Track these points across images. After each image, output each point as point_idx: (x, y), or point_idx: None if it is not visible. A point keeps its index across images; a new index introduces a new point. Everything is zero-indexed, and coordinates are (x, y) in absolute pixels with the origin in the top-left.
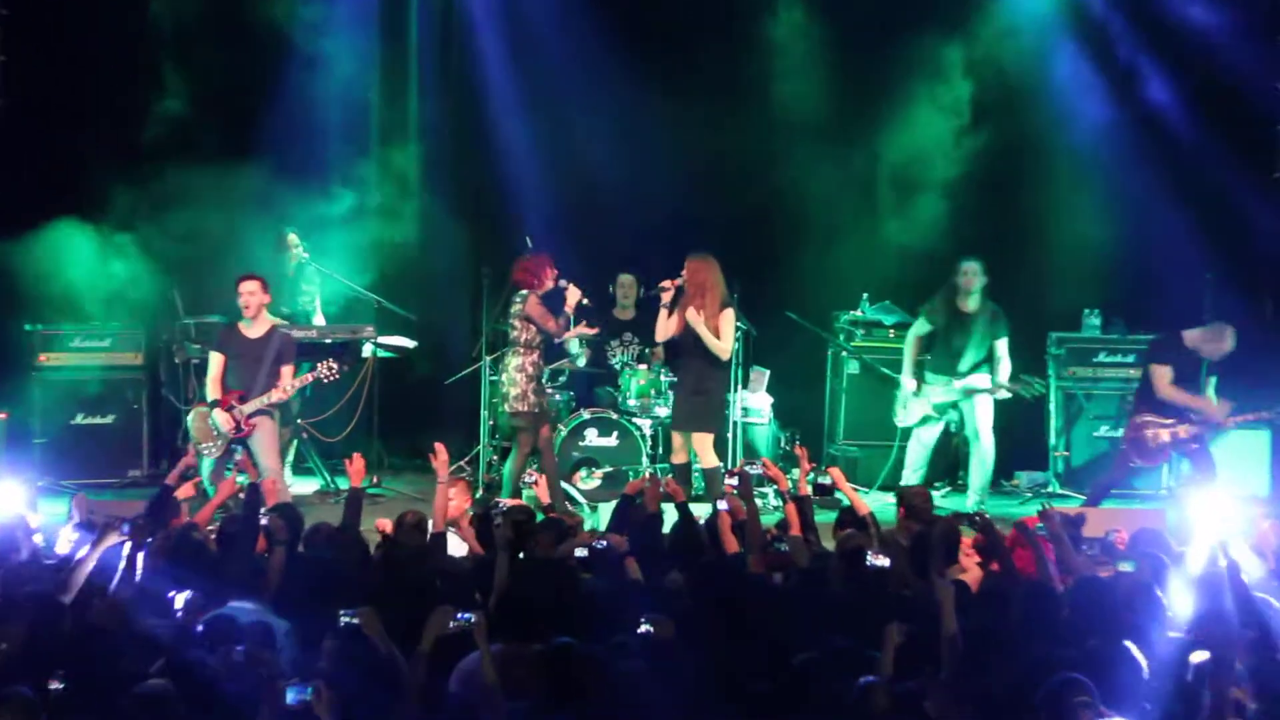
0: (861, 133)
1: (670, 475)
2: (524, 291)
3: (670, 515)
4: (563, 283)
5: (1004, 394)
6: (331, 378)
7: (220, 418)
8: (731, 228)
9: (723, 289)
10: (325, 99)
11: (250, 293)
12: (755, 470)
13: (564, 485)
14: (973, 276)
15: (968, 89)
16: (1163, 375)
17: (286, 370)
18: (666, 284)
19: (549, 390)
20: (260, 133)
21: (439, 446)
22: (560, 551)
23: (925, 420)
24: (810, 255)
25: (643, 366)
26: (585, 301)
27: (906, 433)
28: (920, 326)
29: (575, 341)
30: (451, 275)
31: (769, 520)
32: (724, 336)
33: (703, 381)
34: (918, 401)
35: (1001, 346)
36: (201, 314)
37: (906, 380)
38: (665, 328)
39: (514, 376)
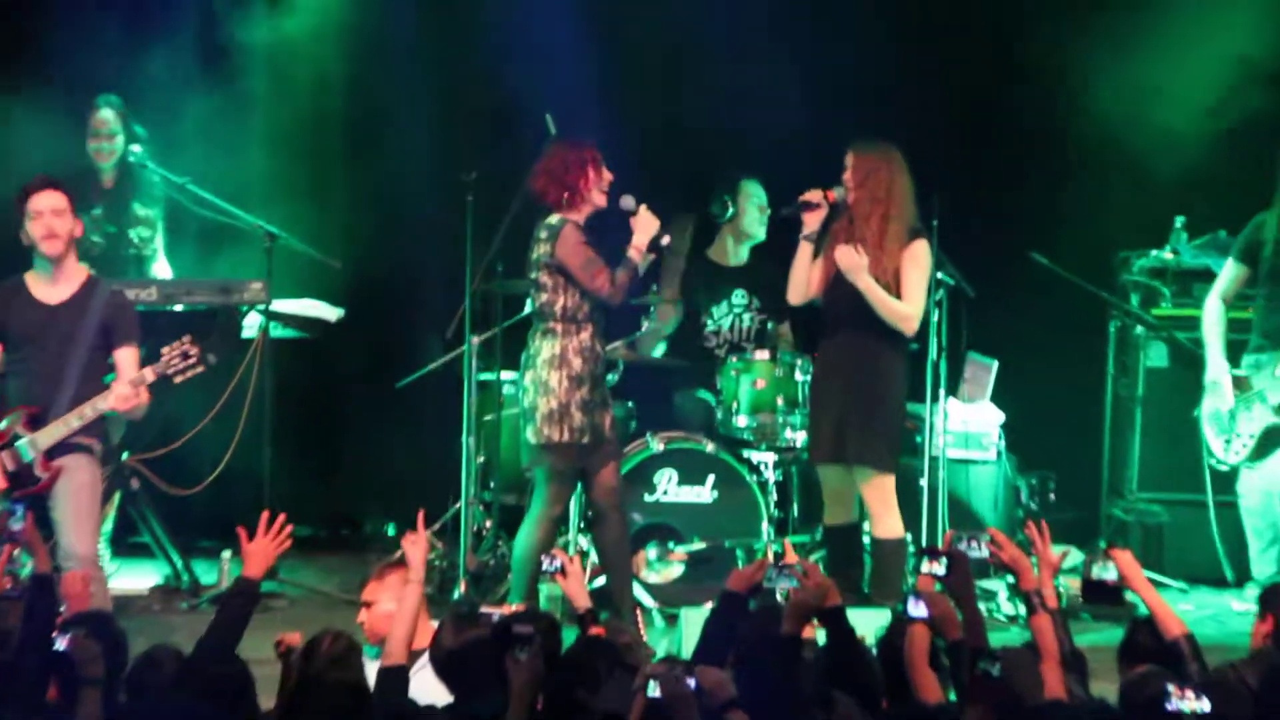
0: None
1: (817, 556)
2: (556, 217)
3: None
4: (627, 200)
5: None
6: (187, 374)
7: None
8: (928, 105)
9: (911, 208)
10: None
11: (53, 212)
12: (976, 550)
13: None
14: None
15: None
16: None
17: (125, 360)
18: (813, 195)
19: (606, 401)
20: None
21: (419, 521)
22: (605, 701)
23: (1271, 445)
24: (1072, 148)
25: (761, 354)
26: (666, 240)
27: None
28: (1232, 276)
29: (651, 314)
30: (407, 187)
31: (1001, 640)
32: (913, 292)
33: (875, 377)
34: (1249, 413)
35: None
36: None
37: (1217, 370)
38: (804, 278)
39: (545, 378)
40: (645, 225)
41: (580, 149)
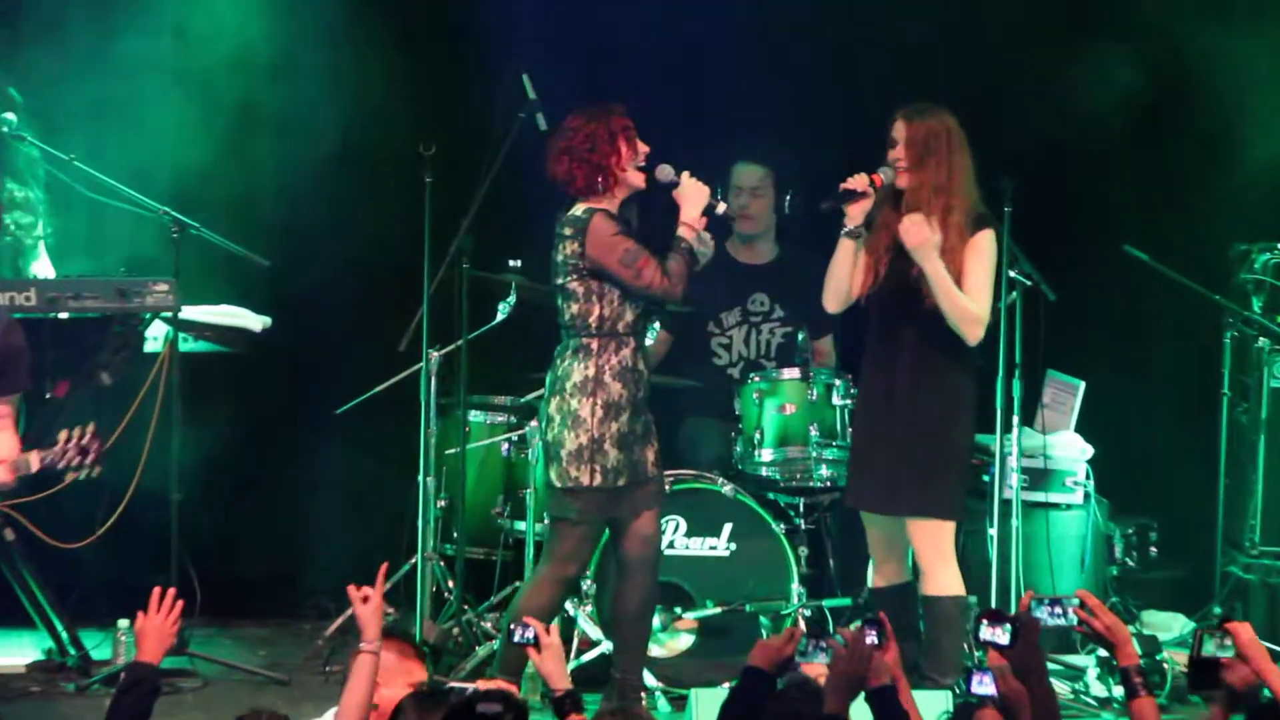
0: None
1: (862, 623)
2: (580, 208)
3: (860, 712)
4: (664, 170)
5: None
6: (78, 474)
7: None
8: (992, 63)
9: (974, 189)
10: None
11: None
12: (1059, 617)
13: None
14: None
15: None
16: None
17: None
18: (857, 181)
19: (650, 432)
20: None
21: (379, 575)
22: None
23: None
24: (1174, 116)
25: (790, 373)
26: (722, 208)
27: None
28: None
29: (652, 328)
30: (351, 165)
31: None
32: (978, 292)
33: (938, 404)
34: None
35: None
36: None
37: None
38: (845, 282)
39: (574, 407)
40: (693, 195)
41: (607, 118)
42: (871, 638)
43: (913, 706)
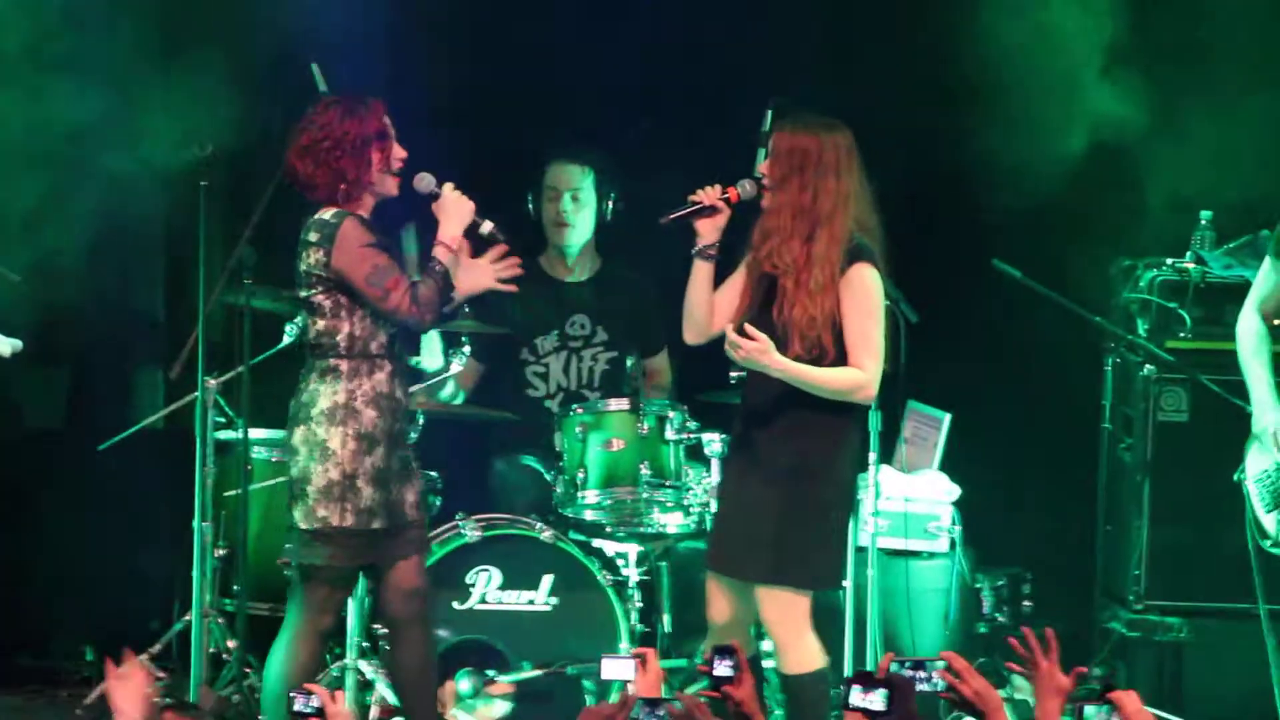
0: None
1: (713, 651)
2: (330, 211)
3: None
4: (424, 179)
5: None
6: None
7: None
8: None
9: (857, 214)
10: None
11: None
12: (924, 682)
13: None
14: None
15: None
16: None
17: None
18: (706, 194)
19: (410, 469)
20: None
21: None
22: None
23: None
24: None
25: (616, 404)
26: (488, 227)
27: None
28: (1272, 284)
29: (459, 352)
30: (117, 168)
31: None
32: (862, 341)
33: (806, 445)
34: None
35: None
36: None
37: (1268, 414)
38: (705, 310)
39: (322, 436)
40: (454, 211)
41: (358, 115)
42: (725, 668)
43: None
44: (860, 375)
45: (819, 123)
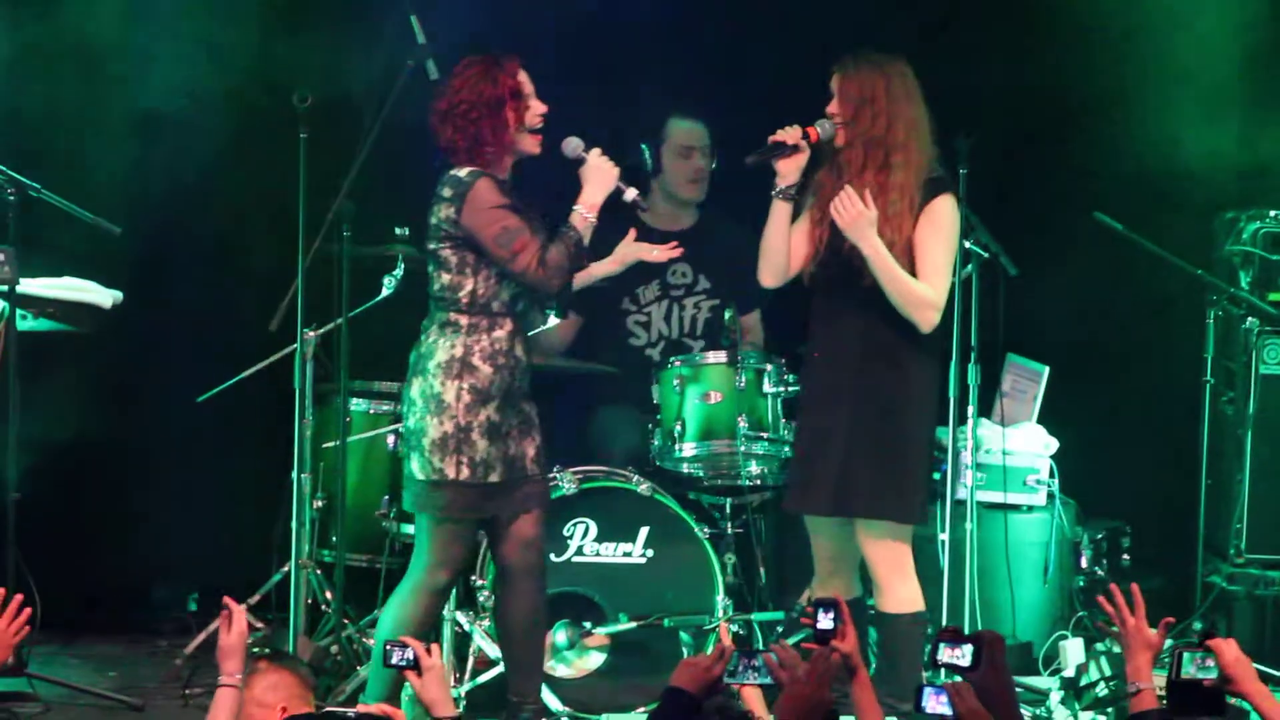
0: None
1: (815, 605)
2: (465, 169)
3: None
4: (571, 143)
5: None
6: None
7: None
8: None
9: (928, 148)
10: None
11: None
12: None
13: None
14: None
15: None
16: None
17: None
18: (788, 133)
19: (530, 424)
20: None
21: (229, 602)
22: None
23: None
24: (1156, 68)
25: (713, 356)
26: (631, 195)
27: None
28: None
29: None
30: (214, 119)
31: None
32: (933, 269)
33: (895, 395)
34: None
35: None
36: None
37: None
38: (783, 251)
39: (438, 389)
40: (598, 178)
41: (494, 73)
42: (827, 621)
43: (873, 703)
44: (931, 293)
45: (879, 57)
